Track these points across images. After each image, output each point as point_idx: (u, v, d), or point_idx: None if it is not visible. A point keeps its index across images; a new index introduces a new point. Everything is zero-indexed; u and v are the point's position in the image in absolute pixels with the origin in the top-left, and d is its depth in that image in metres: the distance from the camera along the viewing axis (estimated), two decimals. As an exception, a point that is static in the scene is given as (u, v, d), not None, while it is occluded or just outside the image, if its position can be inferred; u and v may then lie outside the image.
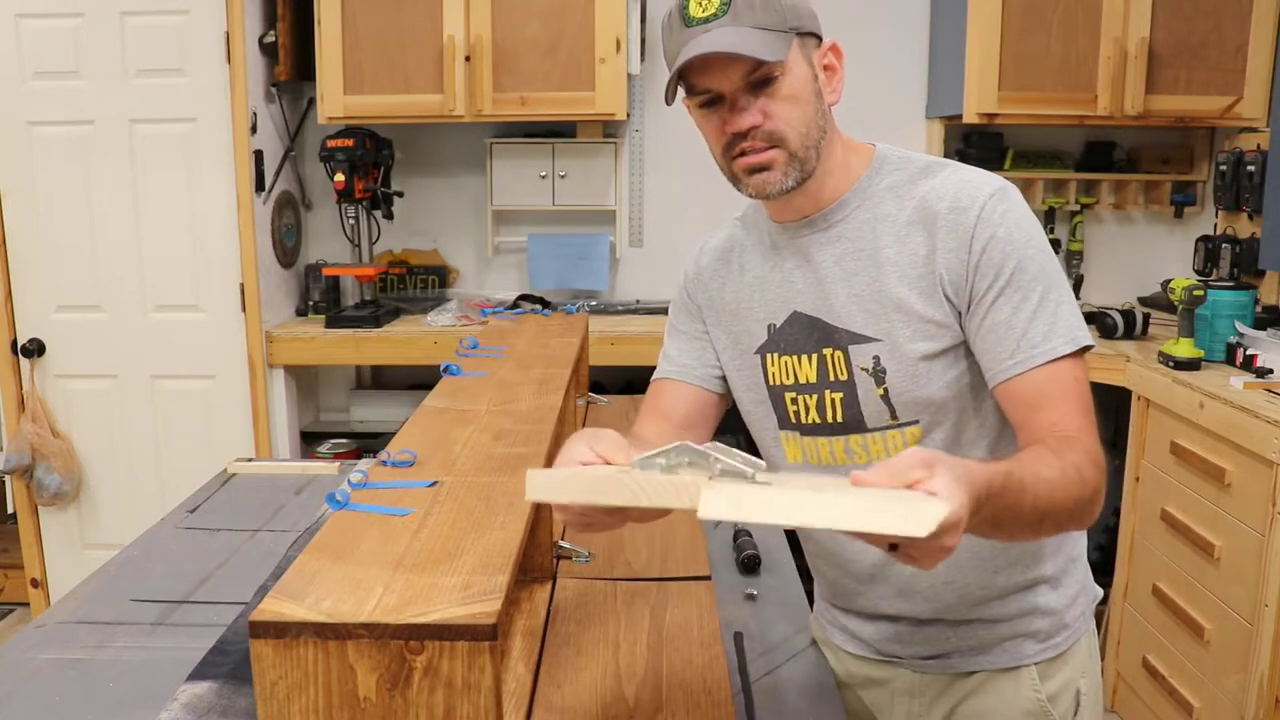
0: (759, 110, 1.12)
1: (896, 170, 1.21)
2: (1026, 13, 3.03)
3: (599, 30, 3.09)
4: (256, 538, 1.81)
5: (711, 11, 1.10)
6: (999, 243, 1.11)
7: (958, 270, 1.13)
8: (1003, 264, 1.11)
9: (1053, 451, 1.03)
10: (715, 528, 1.85)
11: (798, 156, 1.14)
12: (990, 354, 1.13)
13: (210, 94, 3.08)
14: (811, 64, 1.15)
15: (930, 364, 1.16)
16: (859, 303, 1.18)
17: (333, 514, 1.09)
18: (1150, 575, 2.63)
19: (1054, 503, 0.99)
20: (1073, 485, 1.00)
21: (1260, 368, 2.46)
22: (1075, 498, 1.01)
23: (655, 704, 1.16)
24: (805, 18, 1.15)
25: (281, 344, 3.20)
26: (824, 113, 1.16)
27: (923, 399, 1.17)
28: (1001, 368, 1.11)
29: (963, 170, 1.18)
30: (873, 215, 1.19)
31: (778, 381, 1.26)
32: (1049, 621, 1.27)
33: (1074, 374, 1.10)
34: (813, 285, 1.22)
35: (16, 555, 3.40)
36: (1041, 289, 1.11)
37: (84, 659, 1.37)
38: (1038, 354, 1.10)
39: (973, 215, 1.12)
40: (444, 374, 1.74)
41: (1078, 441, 1.05)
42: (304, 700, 0.82)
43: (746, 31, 1.09)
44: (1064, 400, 1.09)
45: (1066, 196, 3.40)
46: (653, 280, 3.55)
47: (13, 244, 3.17)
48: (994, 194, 1.13)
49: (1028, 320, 1.10)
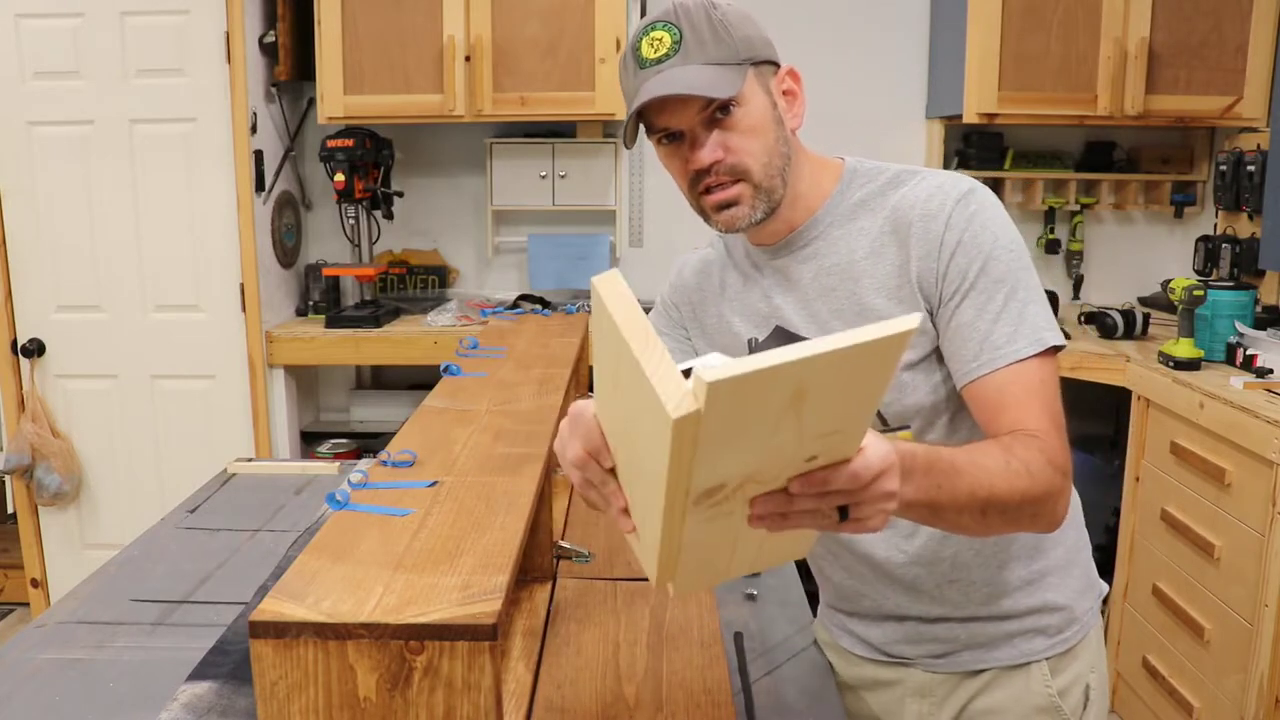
0: (719, 145, 1.12)
1: (867, 183, 1.21)
2: (1026, 13, 3.03)
3: (599, 30, 3.09)
4: (256, 538, 1.81)
5: (663, 52, 1.10)
6: (965, 246, 1.11)
7: (929, 277, 1.13)
8: (968, 266, 1.11)
9: (1001, 446, 1.02)
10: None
11: (763, 187, 1.14)
12: (956, 356, 1.13)
13: (210, 94, 3.08)
14: (769, 92, 1.15)
15: (914, 372, 1.16)
16: (839, 316, 1.19)
17: (333, 514, 1.09)
18: (1150, 575, 2.63)
19: (994, 492, 0.97)
20: (1018, 478, 0.98)
21: (1260, 368, 2.46)
22: (1021, 491, 0.99)
23: (655, 704, 1.16)
24: (759, 46, 1.14)
25: (281, 344, 3.20)
26: (786, 139, 1.16)
27: (911, 406, 1.18)
28: (966, 370, 1.11)
29: (931, 176, 1.18)
30: (846, 230, 1.20)
31: None
32: (1058, 617, 1.27)
33: (1040, 375, 1.09)
34: (793, 303, 1.23)
35: (16, 555, 3.40)
36: (1007, 289, 1.10)
37: (84, 659, 1.37)
38: (1001, 355, 1.09)
39: (941, 221, 1.12)
40: (444, 374, 1.74)
41: (1034, 441, 1.04)
42: (304, 700, 0.82)
43: (697, 69, 1.09)
44: (1028, 401, 1.08)
45: (1066, 196, 3.40)
46: (653, 280, 3.50)
47: (13, 244, 3.17)
48: (961, 198, 1.13)
49: (991, 322, 1.10)
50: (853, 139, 2.39)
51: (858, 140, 2.75)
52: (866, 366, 0.71)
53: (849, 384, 0.71)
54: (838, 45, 3.42)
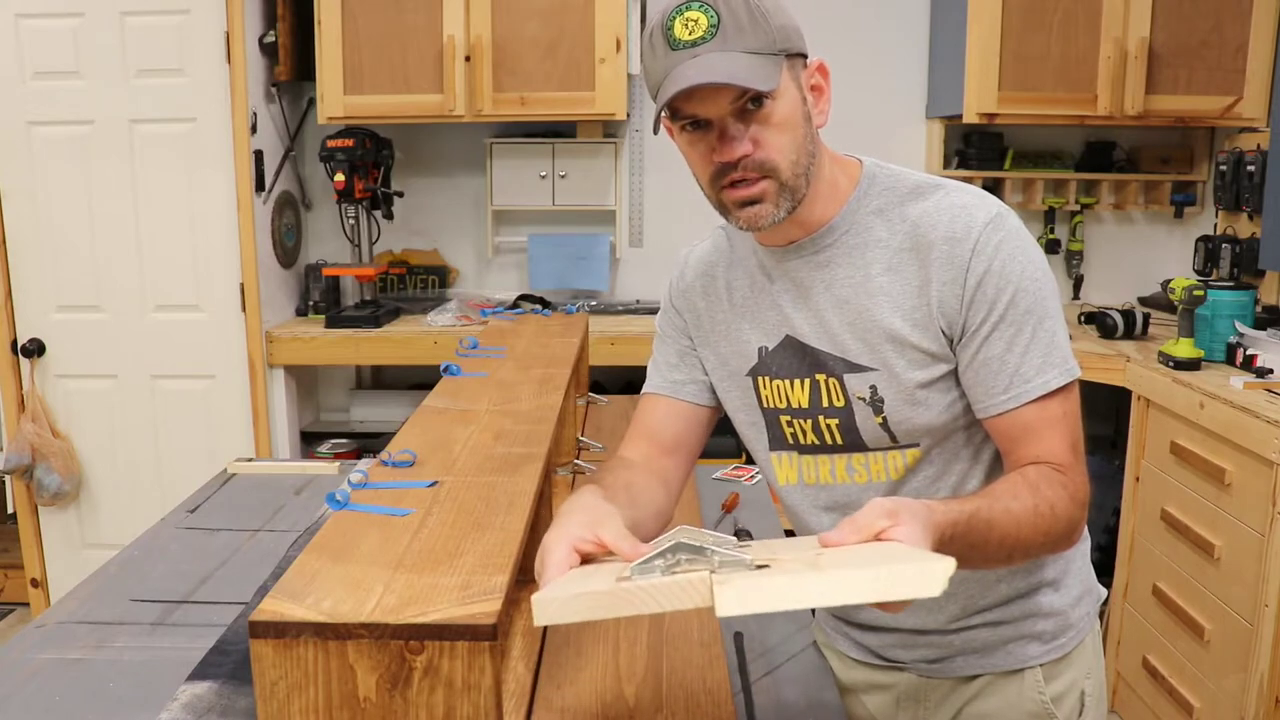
0: (749, 139, 1.06)
1: (885, 191, 1.16)
2: (1026, 13, 3.03)
3: (599, 30, 3.09)
4: (256, 538, 1.81)
5: (699, 35, 1.03)
6: (994, 276, 1.09)
7: (952, 304, 1.10)
8: (997, 298, 1.09)
9: (1029, 487, 1.04)
10: (715, 527, 1.85)
11: (789, 186, 1.09)
12: (982, 387, 1.11)
13: (210, 94, 3.08)
14: (800, 86, 1.09)
15: (928, 391, 1.14)
16: (852, 331, 1.16)
17: (333, 514, 1.09)
18: (1150, 575, 2.63)
19: (1020, 539, 1.01)
20: (1043, 520, 1.02)
21: (1260, 368, 2.46)
22: (1045, 532, 1.03)
23: (655, 704, 1.16)
24: (794, 37, 1.09)
25: (281, 344, 3.20)
26: (813, 136, 1.11)
27: (922, 425, 1.16)
28: (994, 402, 1.11)
29: (954, 193, 1.14)
30: (863, 241, 1.15)
31: (771, 405, 1.23)
32: (1053, 623, 1.26)
33: (1064, 407, 1.10)
34: (804, 312, 1.19)
35: (16, 555, 3.40)
36: (1035, 321, 1.09)
37: (84, 659, 1.37)
38: (1031, 389, 1.09)
39: (968, 247, 1.09)
40: (444, 374, 1.74)
41: (1058, 477, 1.06)
42: (304, 700, 0.82)
43: (736, 56, 1.03)
44: (1051, 433, 1.09)
45: (1066, 196, 3.40)
46: (653, 280, 3.55)
47: (13, 244, 3.17)
48: (989, 223, 1.10)
49: (1021, 355, 1.09)
50: (853, 139, 2.37)
51: (858, 140, 2.73)
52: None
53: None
54: (838, 45, 3.41)
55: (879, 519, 0.85)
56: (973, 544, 0.95)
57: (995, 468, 1.19)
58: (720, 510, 1.95)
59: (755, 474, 2.16)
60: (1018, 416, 1.10)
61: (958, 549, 0.90)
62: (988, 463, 1.20)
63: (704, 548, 0.82)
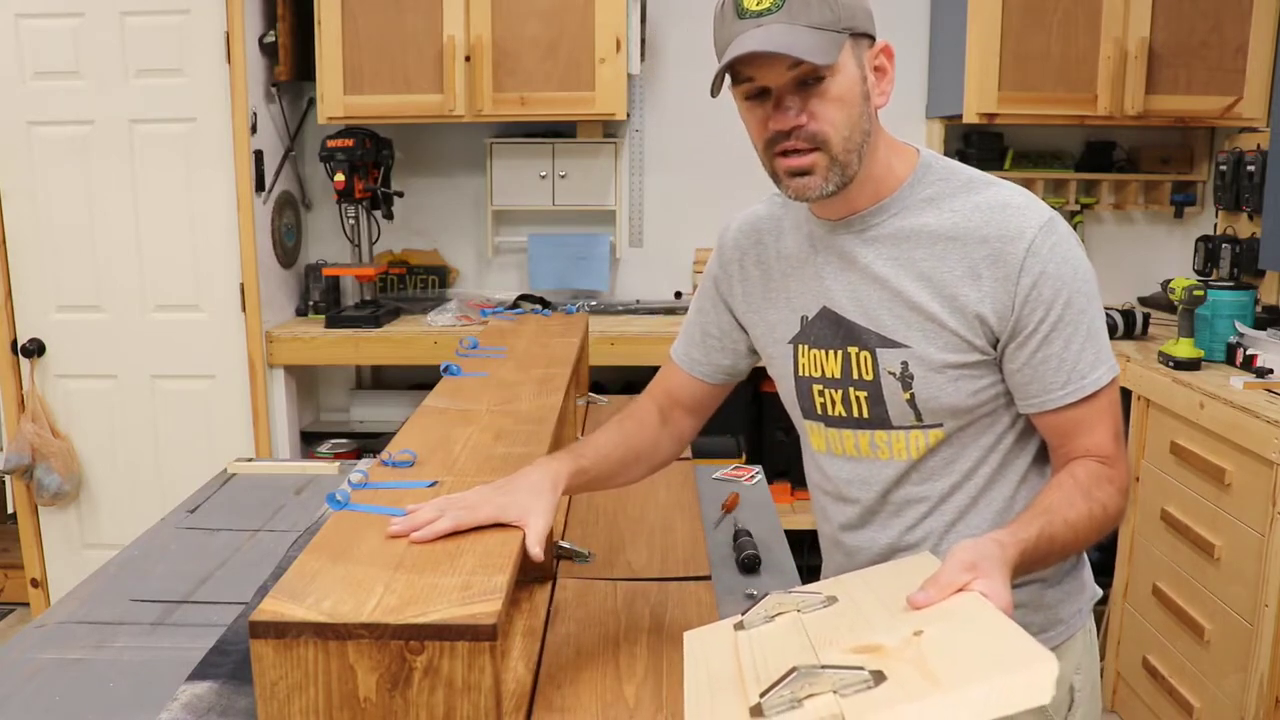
0: (804, 110, 1.11)
1: (939, 181, 1.20)
2: (1026, 13, 3.03)
3: (599, 30, 3.09)
4: (256, 538, 1.81)
5: (766, 6, 1.08)
6: (1050, 279, 1.13)
7: (1003, 300, 1.14)
8: (1053, 300, 1.13)
9: (1083, 491, 1.11)
10: (716, 527, 1.85)
11: (839, 160, 1.13)
12: (1039, 384, 1.16)
13: (210, 94, 3.08)
14: (862, 65, 1.15)
15: (958, 373, 1.18)
16: (889, 308, 1.19)
17: (333, 514, 1.09)
18: (1150, 575, 2.63)
19: (1078, 545, 1.11)
20: (1096, 522, 1.11)
21: (1260, 368, 2.46)
22: (1099, 531, 1.12)
23: (655, 704, 1.16)
24: (860, 18, 1.14)
25: (281, 344, 3.20)
26: (870, 115, 1.16)
27: (948, 406, 1.20)
28: (1050, 398, 1.16)
29: (1006, 192, 1.18)
30: (910, 224, 1.19)
31: (806, 373, 1.28)
32: (1041, 616, 1.28)
33: (1110, 398, 1.18)
34: (844, 285, 1.23)
35: (16, 555, 3.40)
36: (1088, 321, 1.15)
37: (84, 659, 1.37)
38: (1086, 385, 1.15)
39: (1021, 247, 1.13)
40: (444, 374, 1.74)
41: (1106, 472, 1.14)
42: (304, 700, 0.82)
43: (800, 30, 1.08)
44: (1100, 426, 1.17)
45: (1066, 196, 3.40)
46: (653, 280, 3.55)
47: (13, 244, 3.17)
48: (1043, 226, 1.14)
49: (1077, 354, 1.15)
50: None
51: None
52: None
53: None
54: (838, 45, 3.42)
55: (961, 574, 0.92)
56: (1038, 560, 1.04)
57: (1010, 456, 1.24)
58: (720, 510, 1.95)
59: (755, 474, 2.16)
60: (1072, 412, 1.16)
61: (1025, 568, 1.01)
62: (1004, 451, 1.24)
63: (818, 670, 0.83)
